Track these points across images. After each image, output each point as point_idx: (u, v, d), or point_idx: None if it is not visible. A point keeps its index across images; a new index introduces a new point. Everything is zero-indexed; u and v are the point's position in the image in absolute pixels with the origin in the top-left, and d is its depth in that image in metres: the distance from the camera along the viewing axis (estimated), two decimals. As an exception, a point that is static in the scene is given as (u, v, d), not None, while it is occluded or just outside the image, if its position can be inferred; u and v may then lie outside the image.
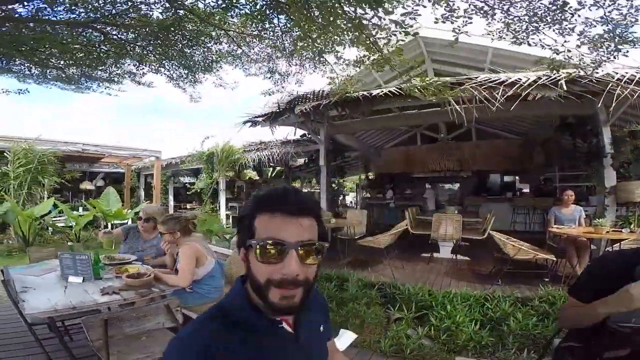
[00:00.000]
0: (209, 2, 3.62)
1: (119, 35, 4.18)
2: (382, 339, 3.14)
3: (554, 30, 2.87)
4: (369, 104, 4.33)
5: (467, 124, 4.66)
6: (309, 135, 6.76)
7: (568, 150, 5.92)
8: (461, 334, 3.07)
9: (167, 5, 3.62)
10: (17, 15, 3.68)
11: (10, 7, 3.58)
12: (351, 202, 16.97)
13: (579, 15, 2.69)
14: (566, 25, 2.79)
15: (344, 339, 3.19)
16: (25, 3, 3.53)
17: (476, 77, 4.20)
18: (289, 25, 3.73)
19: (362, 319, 3.39)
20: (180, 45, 4.30)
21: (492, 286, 3.93)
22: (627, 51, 2.88)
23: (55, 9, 3.64)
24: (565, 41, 2.99)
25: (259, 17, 3.60)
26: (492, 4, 2.80)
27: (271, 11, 3.54)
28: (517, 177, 10.11)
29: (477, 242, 5.34)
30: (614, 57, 2.97)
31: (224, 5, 3.56)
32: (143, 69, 4.98)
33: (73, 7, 3.63)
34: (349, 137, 8.79)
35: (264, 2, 3.46)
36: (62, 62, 4.70)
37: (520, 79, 4.00)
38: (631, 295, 0.98)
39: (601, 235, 4.04)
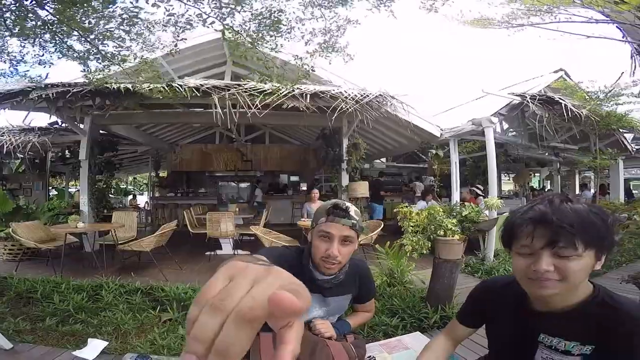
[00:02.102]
0: None
1: None
2: (142, 341, 3.01)
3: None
4: (133, 97, 3.96)
5: (233, 126, 5.04)
6: (63, 124, 5.45)
7: (325, 156, 7.50)
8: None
9: None
10: None
11: None
12: (147, 202, 15.16)
13: (303, 24, 3.41)
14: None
15: (92, 347, 2.91)
16: None
17: (245, 84, 4.55)
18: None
19: (115, 325, 3.15)
20: None
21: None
22: (331, 60, 3.81)
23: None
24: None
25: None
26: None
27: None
28: (298, 177, 11.96)
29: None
30: (329, 62, 3.87)
31: None
32: None
33: None
34: (133, 129, 7.77)
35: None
36: None
37: (280, 89, 4.46)
38: None
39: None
